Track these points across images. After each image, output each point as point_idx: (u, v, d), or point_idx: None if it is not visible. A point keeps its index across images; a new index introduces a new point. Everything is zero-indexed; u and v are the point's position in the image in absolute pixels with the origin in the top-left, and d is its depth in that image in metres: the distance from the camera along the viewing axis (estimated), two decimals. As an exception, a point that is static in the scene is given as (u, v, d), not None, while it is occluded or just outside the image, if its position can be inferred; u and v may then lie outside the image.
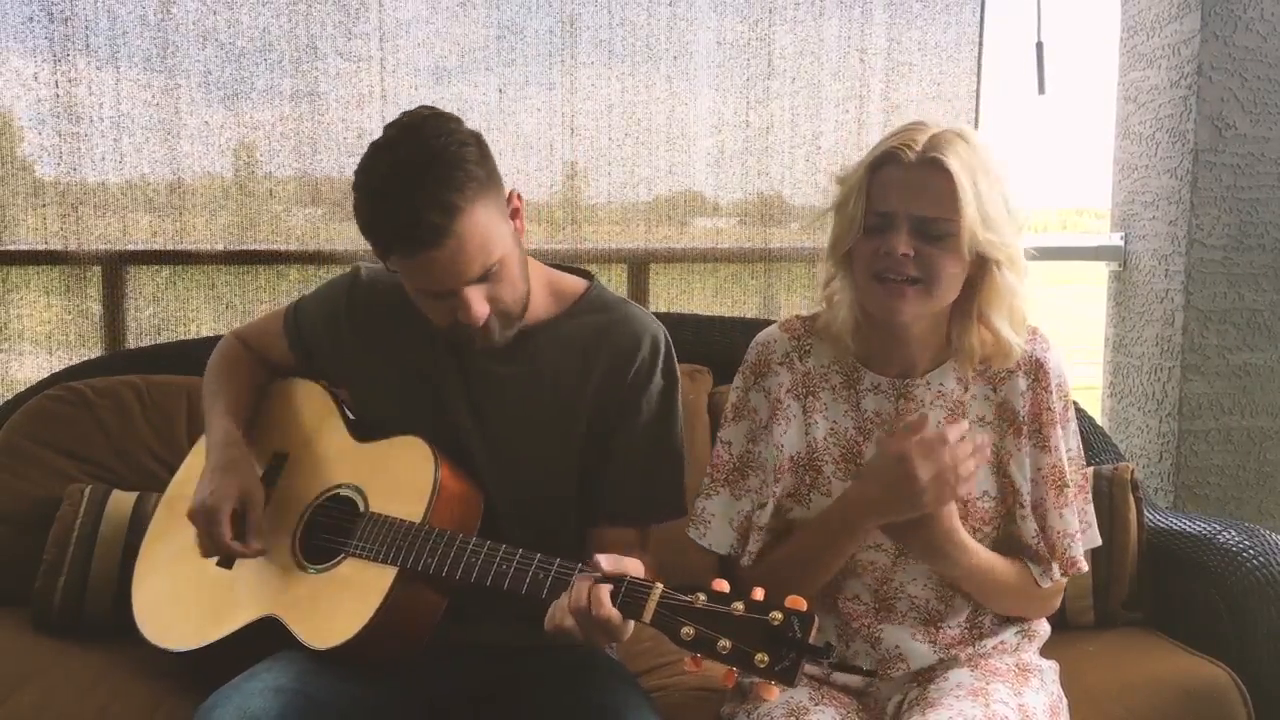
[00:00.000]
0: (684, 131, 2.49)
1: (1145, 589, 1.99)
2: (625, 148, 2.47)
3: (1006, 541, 1.48)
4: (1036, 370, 1.47)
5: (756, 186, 2.53)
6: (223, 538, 1.47)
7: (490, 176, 1.41)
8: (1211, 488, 2.54)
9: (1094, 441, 2.18)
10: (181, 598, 1.60)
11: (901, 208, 1.35)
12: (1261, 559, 1.85)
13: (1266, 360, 2.53)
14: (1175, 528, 2.03)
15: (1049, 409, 1.46)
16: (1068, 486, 1.47)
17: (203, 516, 1.48)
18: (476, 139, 1.42)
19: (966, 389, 1.47)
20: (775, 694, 1.14)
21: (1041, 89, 2.51)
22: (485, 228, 1.38)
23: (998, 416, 1.47)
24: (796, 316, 1.55)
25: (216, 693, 1.35)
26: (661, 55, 2.46)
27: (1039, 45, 2.51)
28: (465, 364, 1.54)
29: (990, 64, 2.53)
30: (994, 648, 1.50)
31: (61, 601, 1.85)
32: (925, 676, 1.48)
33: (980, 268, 1.39)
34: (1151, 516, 2.06)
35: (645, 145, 2.48)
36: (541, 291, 1.55)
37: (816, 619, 1.15)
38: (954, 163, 1.33)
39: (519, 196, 1.49)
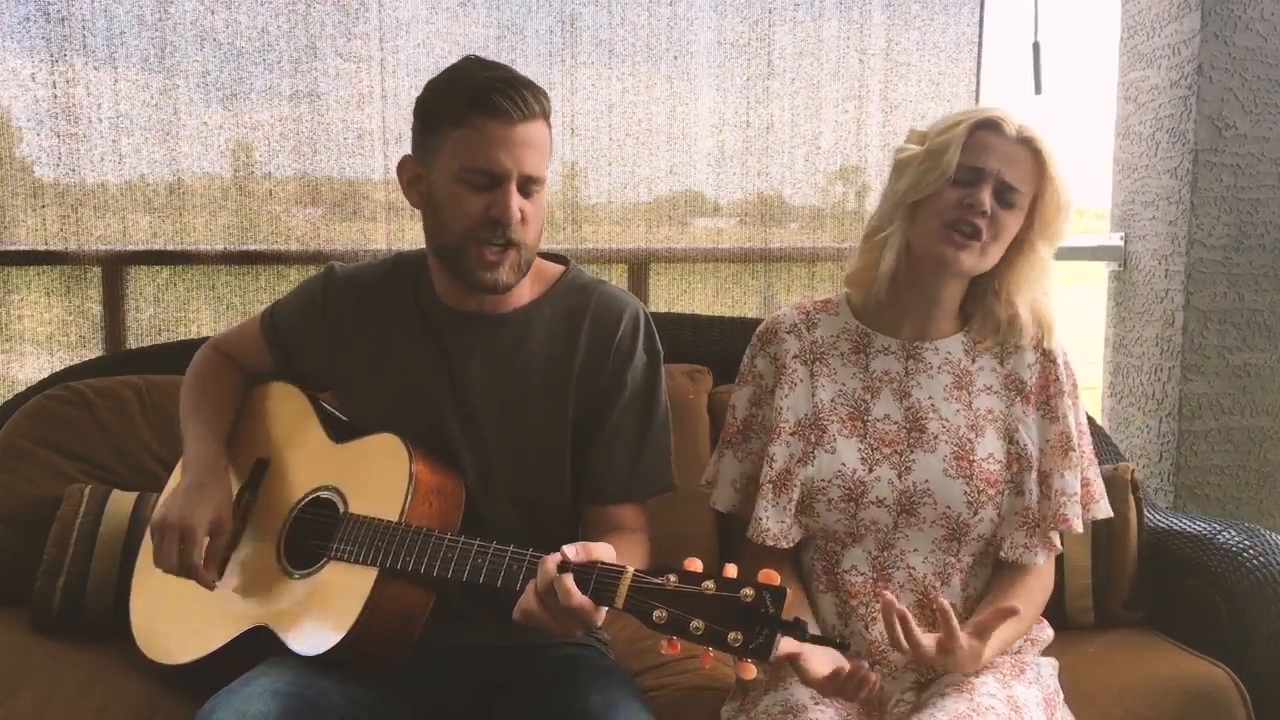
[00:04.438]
0: (684, 131, 2.49)
1: (1145, 589, 1.99)
2: (625, 148, 2.47)
3: (1009, 516, 1.51)
4: (1045, 350, 1.56)
5: (756, 186, 2.52)
6: (194, 558, 1.46)
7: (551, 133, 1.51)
8: (1211, 488, 2.54)
9: (1094, 441, 2.17)
10: (174, 612, 1.60)
11: (995, 168, 1.46)
12: (1261, 559, 1.85)
13: (1266, 360, 2.53)
14: (1175, 528, 2.03)
15: (1057, 380, 1.55)
16: (1073, 451, 1.53)
17: (175, 532, 1.47)
18: None
19: (974, 360, 1.56)
20: (753, 672, 1.13)
21: (1038, 89, 2.52)
22: (546, 148, 1.47)
23: (1004, 386, 1.55)
24: (809, 298, 1.64)
25: (215, 696, 1.35)
26: (662, 55, 2.46)
27: (1035, 45, 2.51)
28: (447, 354, 1.53)
29: (991, 64, 2.53)
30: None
31: (61, 602, 1.84)
32: (922, 681, 1.48)
33: (1025, 247, 1.51)
34: (1151, 516, 2.06)
35: (645, 145, 2.48)
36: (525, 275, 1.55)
37: (789, 593, 1.13)
38: (1047, 146, 1.48)
39: None
